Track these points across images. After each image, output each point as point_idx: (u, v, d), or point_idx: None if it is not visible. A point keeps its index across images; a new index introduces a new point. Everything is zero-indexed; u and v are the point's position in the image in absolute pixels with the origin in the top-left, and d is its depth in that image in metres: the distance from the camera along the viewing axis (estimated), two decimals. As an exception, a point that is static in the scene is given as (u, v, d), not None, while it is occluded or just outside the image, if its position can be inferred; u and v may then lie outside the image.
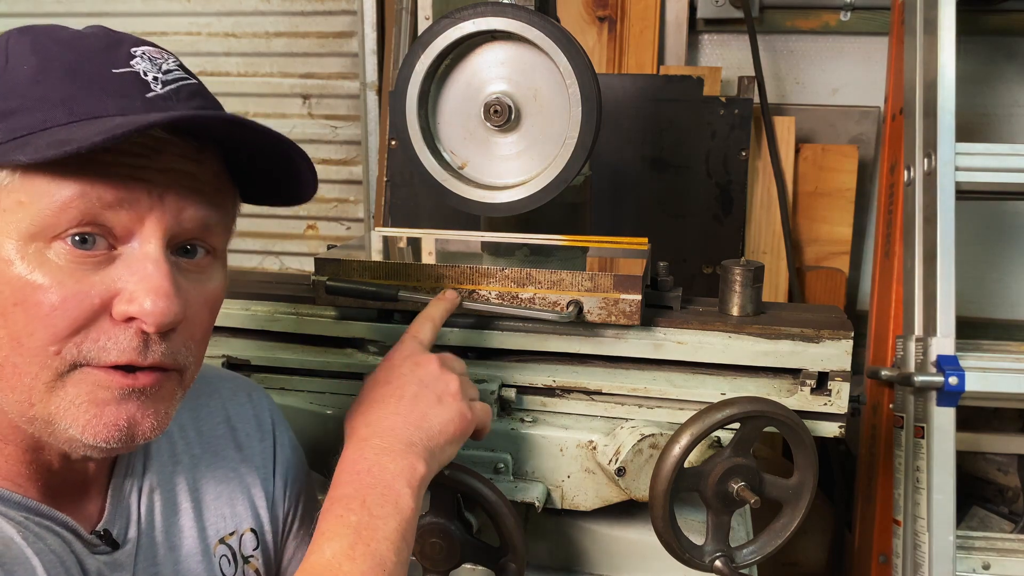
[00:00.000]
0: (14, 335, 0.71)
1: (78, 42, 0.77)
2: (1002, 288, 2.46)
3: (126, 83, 0.75)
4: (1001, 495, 2.23)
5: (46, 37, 0.76)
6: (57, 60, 0.74)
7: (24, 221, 0.71)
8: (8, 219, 0.71)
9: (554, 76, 1.23)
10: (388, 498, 0.87)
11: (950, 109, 1.60)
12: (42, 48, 0.75)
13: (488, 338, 1.27)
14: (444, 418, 0.97)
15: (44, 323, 0.71)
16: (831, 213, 2.43)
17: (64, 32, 0.78)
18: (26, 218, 0.71)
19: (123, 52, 0.77)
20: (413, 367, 1.01)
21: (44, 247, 0.71)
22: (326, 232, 3.02)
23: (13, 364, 0.72)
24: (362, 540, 0.82)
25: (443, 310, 1.13)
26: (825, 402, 1.20)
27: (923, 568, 1.56)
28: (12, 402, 0.75)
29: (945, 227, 1.58)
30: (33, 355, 0.72)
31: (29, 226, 0.71)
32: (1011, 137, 2.38)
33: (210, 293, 0.83)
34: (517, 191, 1.27)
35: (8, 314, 0.71)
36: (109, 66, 0.75)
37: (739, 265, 1.26)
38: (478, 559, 1.14)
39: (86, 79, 0.74)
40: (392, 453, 0.91)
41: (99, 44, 0.77)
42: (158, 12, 2.94)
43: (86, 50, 0.76)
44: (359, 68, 2.80)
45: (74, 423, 0.74)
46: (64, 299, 0.71)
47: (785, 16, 2.45)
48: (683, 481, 1.08)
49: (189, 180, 0.77)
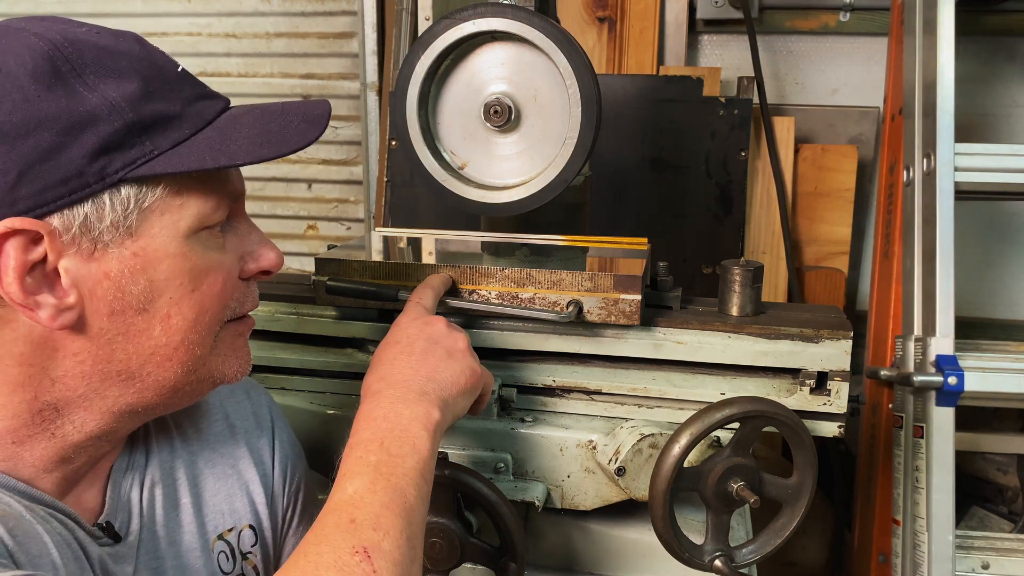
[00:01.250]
0: (191, 318, 0.82)
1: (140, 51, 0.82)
2: (1002, 288, 2.46)
3: (188, 77, 0.83)
4: (1000, 495, 2.24)
5: (125, 56, 0.80)
6: (146, 72, 0.79)
7: (185, 220, 0.80)
8: (170, 220, 0.79)
9: (554, 76, 1.23)
10: (405, 440, 0.88)
11: (949, 109, 1.60)
12: (128, 64, 0.78)
13: (488, 338, 1.27)
14: (455, 370, 1.00)
15: (219, 299, 0.84)
16: (830, 213, 2.43)
17: (122, 43, 0.82)
18: (187, 217, 0.80)
19: (155, 47, 0.83)
20: (422, 326, 1.03)
21: (201, 237, 0.82)
22: (326, 232, 3.02)
23: (189, 342, 0.83)
24: (382, 476, 0.83)
25: (440, 281, 1.17)
26: (824, 402, 1.20)
27: (922, 568, 1.56)
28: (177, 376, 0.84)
29: (944, 227, 1.58)
30: (207, 328, 0.84)
31: (192, 223, 0.80)
32: (1011, 137, 2.39)
33: None
34: (517, 191, 1.27)
35: (184, 301, 0.81)
36: (173, 66, 0.82)
37: (739, 265, 1.26)
38: (478, 559, 1.15)
39: (177, 83, 0.81)
40: (407, 401, 0.93)
41: (138, 44, 0.82)
42: (158, 12, 2.94)
43: (152, 55, 0.82)
44: (359, 68, 2.81)
45: (228, 370, 0.89)
46: (229, 274, 0.85)
47: (785, 16, 2.45)
48: (683, 481, 1.08)
49: None
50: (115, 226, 0.75)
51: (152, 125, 0.76)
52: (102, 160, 0.73)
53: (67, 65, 0.74)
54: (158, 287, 0.79)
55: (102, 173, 0.73)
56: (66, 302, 0.75)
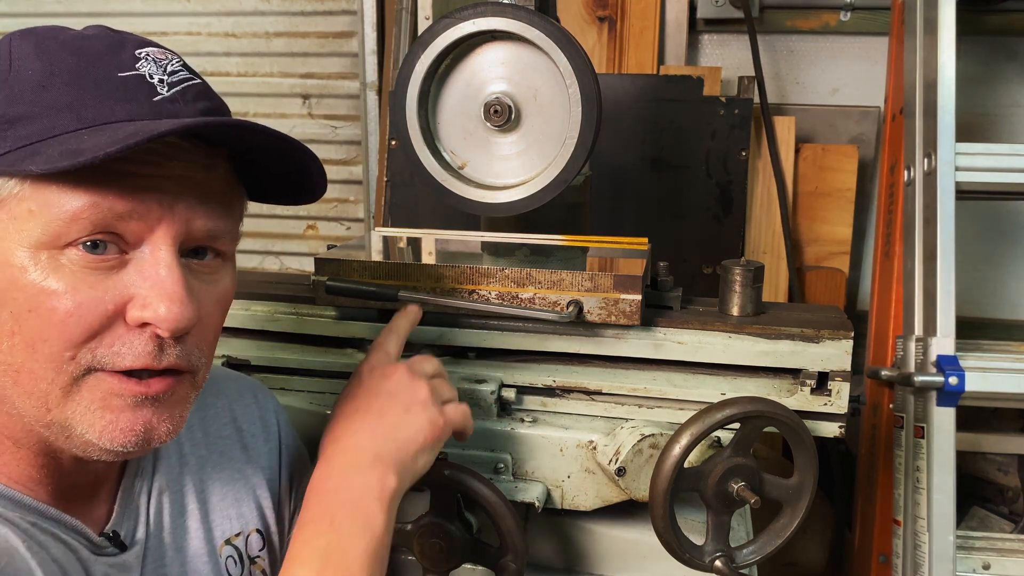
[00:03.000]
0: (29, 341, 0.72)
1: (82, 44, 0.76)
2: (1002, 288, 2.45)
3: (132, 87, 0.74)
4: (1001, 495, 2.23)
5: (50, 40, 0.76)
6: (62, 64, 0.74)
7: (36, 230, 0.71)
8: (19, 227, 0.71)
9: (554, 76, 1.23)
10: (357, 517, 0.85)
11: (950, 109, 1.60)
12: (46, 52, 0.74)
13: (488, 338, 1.27)
14: (415, 426, 0.95)
15: (59, 329, 0.71)
16: (831, 213, 2.43)
17: (67, 34, 0.77)
18: (37, 227, 0.71)
19: (128, 54, 0.76)
20: (380, 379, 0.99)
21: (57, 254, 0.71)
22: (326, 232, 3.02)
23: (30, 370, 0.73)
24: (331, 565, 0.81)
25: (408, 322, 1.11)
26: (825, 402, 1.20)
27: (923, 568, 1.56)
28: (29, 407, 0.75)
29: (945, 227, 1.57)
30: (48, 360, 0.72)
31: (41, 235, 0.71)
32: (1011, 137, 2.38)
33: (221, 293, 0.83)
34: (517, 191, 1.27)
35: (23, 320, 0.71)
36: (115, 69, 0.75)
37: (739, 265, 1.26)
38: (478, 559, 1.14)
39: (92, 83, 0.73)
40: (360, 468, 0.89)
41: (103, 46, 0.76)
42: (158, 12, 2.93)
43: (90, 53, 0.75)
44: (359, 68, 2.80)
45: (90, 428, 0.75)
46: (78, 305, 0.71)
47: (785, 16, 2.45)
48: (683, 481, 1.08)
49: (199, 189, 0.77)
50: None
51: (19, 119, 0.71)
52: None
53: (5, 63, 0.74)
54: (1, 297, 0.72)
55: None
56: None
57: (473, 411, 1.22)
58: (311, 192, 0.88)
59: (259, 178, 0.85)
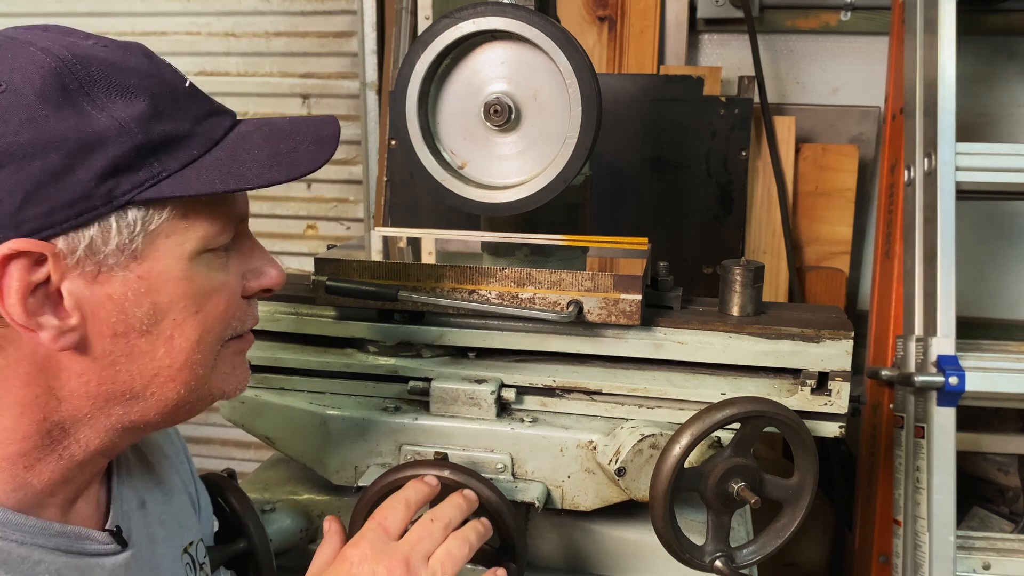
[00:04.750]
0: (194, 339, 0.81)
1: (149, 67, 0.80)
2: (1002, 288, 2.45)
3: (195, 93, 0.81)
4: (1001, 495, 2.23)
5: (127, 73, 0.77)
6: (154, 89, 0.77)
7: (190, 243, 0.78)
8: (175, 243, 0.78)
9: (554, 76, 1.23)
10: None
11: (950, 109, 1.60)
12: (132, 81, 0.76)
13: (488, 338, 1.27)
14: None
15: (222, 319, 0.83)
16: (831, 213, 2.42)
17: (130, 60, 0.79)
18: (191, 240, 0.78)
19: (163, 62, 0.81)
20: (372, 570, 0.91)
21: (209, 258, 0.81)
22: (326, 232, 3.02)
23: (193, 363, 0.82)
24: None
25: (422, 495, 1.03)
26: (825, 402, 1.20)
27: (923, 568, 1.56)
28: (180, 395, 0.82)
29: (945, 227, 1.57)
30: (210, 348, 0.83)
31: (196, 246, 0.79)
32: (1011, 137, 2.38)
33: None
34: (517, 191, 1.27)
35: (188, 323, 0.80)
36: (181, 81, 0.80)
37: (739, 265, 1.26)
38: (478, 559, 1.14)
39: (185, 101, 0.79)
40: None
41: (146, 59, 0.80)
42: (158, 12, 2.93)
43: (160, 72, 0.79)
44: (359, 68, 2.80)
45: (228, 387, 0.88)
46: (230, 297, 0.84)
47: (785, 16, 2.45)
48: (683, 481, 1.08)
49: None
50: (120, 249, 0.74)
51: (161, 146, 0.74)
52: (110, 183, 0.71)
53: (75, 83, 0.71)
54: (162, 309, 0.78)
55: (109, 196, 0.72)
56: (68, 323, 0.74)
57: (473, 411, 1.22)
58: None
59: None
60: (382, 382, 1.30)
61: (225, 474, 1.20)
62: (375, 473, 1.18)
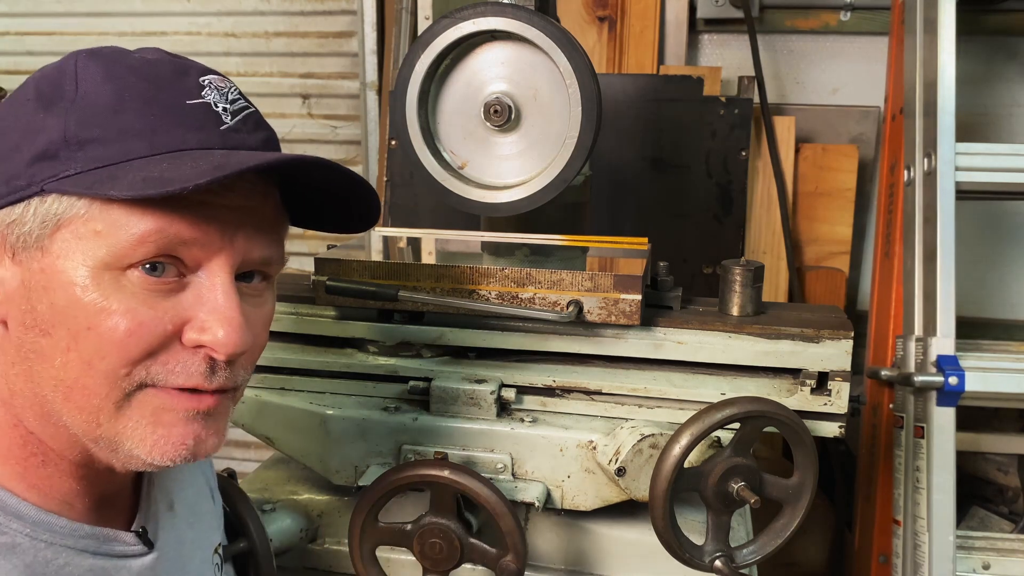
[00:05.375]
0: (85, 358, 0.73)
1: (148, 69, 0.77)
2: (1002, 288, 2.45)
3: (200, 115, 0.76)
4: (1001, 495, 2.23)
5: (117, 63, 0.76)
6: (133, 89, 0.74)
7: (100, 250, 0.72)
8: (83, 247, 0.72)
9: (554, 76, 1.23)
10: None
11: (950, 109, 1.60)
12: (115, 75, 0.75)
13: (488, 338, 1.27)
14: None
15: (118, 347, 0.72)
16: (831, 213, 2.42)
17: (132, 57, 0.78)
18: (102, 247, 0.72)
19: (193, 81, 0.77)
20: None
21: (119, 274, 0.72)
22: (326, 232, 3.02)
23: (83, 386, 0.74)
24: None
25: None
26: (825, 402, 1.20)
27: (923, 568, 1.56)
28: (79, 422, 0.75)
29: (945, 227, 1.57)
30: (104, 377, 0.73)
31: (105, 255, 0.72)
32: (1011, 137, 2.38)
33: (267, 315, 0.85)
34: (517, 191, 1.27)
35: (81, 338, 0.72)
36: (183, 96, 0.76)
37: (739, 265, 1.26)
38: (478, 559, 1.14)
39: (163, 110, 0.75)
40: None
41: (168, 72, 0.77)
42: (158, 12, 2.93)
43: (158, 78, 0.76)
44: (359, 68, 2.80)
45: (140, 443, 0.76)
46: (139, 325, 0.73)
47: (785, 16, 2.45)
48: (683, 481, 1.08)
49: (256, 219, 0.79)
50: (31, 235, 0.73)
51: (91, 141, 0.72)
52: (36, 167, 0.72)
53: (71, 84, 0.74)
54: (58, 314, 0.73)
55: (31, 179, 0.72)
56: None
57: (473, 411, 1.22)
58: (363, 223, 0.89)
59: (304, 204, 0.87)
60: (382, 382, 1.30)
61: (225, 474, 1.20)
62: (375, 473, 1.18)
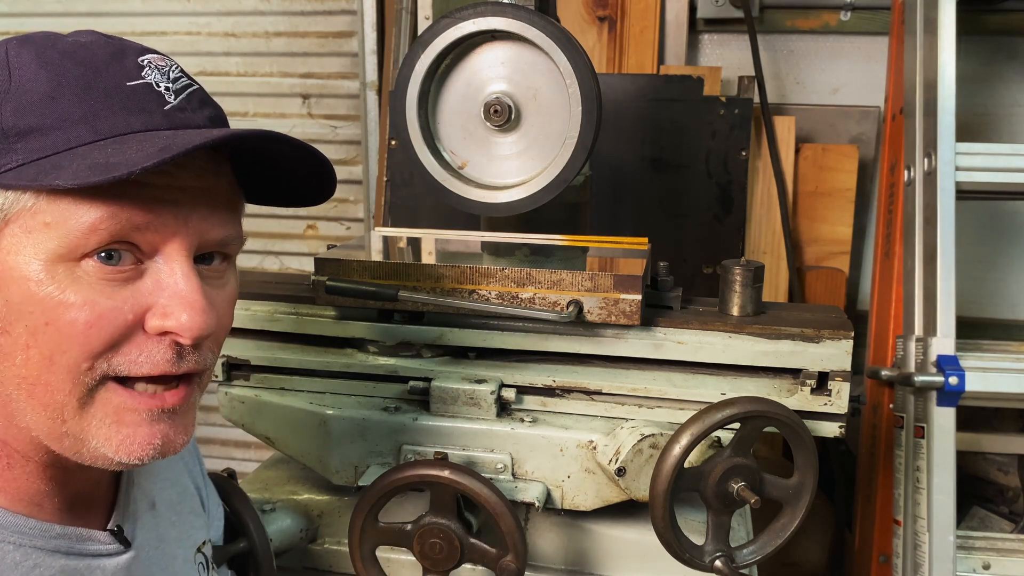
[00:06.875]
0: (46, 354, 0.71)
1: (84, 53, 0.74)
2: (1002, 288, 2.45)
3: (142, 96, 0.74)
4: (1001, 495, 2.23)
5: (49, 49, 0.74)
6: (69, 74, 0.72)
7: (52, 242, 0.70)
8: (34, 240, 0.70)
9: (554, 76, 1.23)
10: None
11: (950, 109, 1.60)
12: (49, 61, 0.73)
13: (488, 338, 1.27)
14: None
15: (79, 341, 0.71)
16: (831, 213, 2.42)
17: (65, 41, 0.76)
18: (53, 239, 0.70)
19: (131, 62, 0.75)
20: None
21: (73, 266, 0.71)
22: (326, 232, 3.02)
23: (45, 382, 0.72)
24: None
25: None
26: (825, 402, 1.20)
27: (923, 568, 1.56)
28: (43, 420, 0.74)
29: (945, 227, 1.57)
30: (66, 372, 0.72)
31: (57, 247, 0.70)
32: (1011, 137, 2.38)
33: (229, 295, 0.83)
34: (517, 191, 1.27)
35: (39, 333, 0.70)
36: (123, 79, 0.74)
37: (739, 265, 1.26)
38: (478, 559, 1.14)
39: (103, 94, 0.72)
40: None
41: (105, 54, 0.75)
42: (158, 12, 2.93)
43: (95, 62, 0.74)
44: (359, 68, 2.80)
45: (106, 443, 0.74)
46: (99, 316, 0.71)
47: (785, 16, 2.45)
48: (683, 481, 1.08)
49: (210, 198, 0.77)
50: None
51: (31, 132, 0.70)
52: None
53: (4, 73, 0.72)
54: (14, 310, 0.70)
55: None
56: None
57: (473, 411, 1.22)
58: (320, 195, 0.88)
59: (258, 180, 0.85)
60: (382, 382, 1.30)
61: (225, 474, 1.20)
62: (375, 473, 1.18)
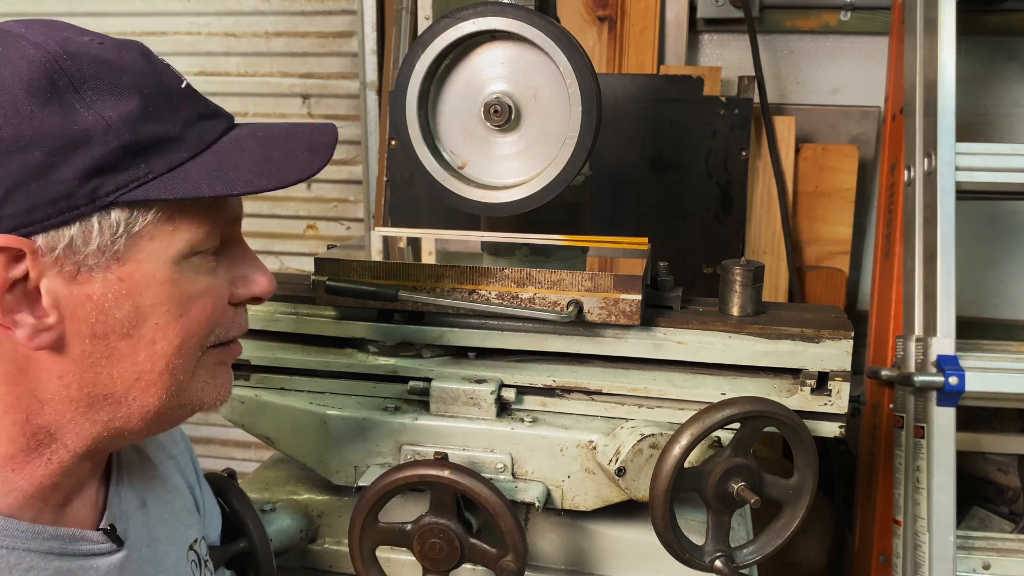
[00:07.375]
0: (175, 343, 0.79)
1: (132, 63, 0.78)
2: (1002, 288, 2.45)
3: (191, 95, 0.80)
4: (1001, 495, 2.23)
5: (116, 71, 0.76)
6: (146, 87, 0.76)
7: (178, 245, 0.77)
8: (162, 246, 0.76)
9: (554, 76, 1.23)
10: None
11: (950, 109, 1.60)
12: (127, 86, 0.74)
13: (488, 338, 1.27)
14: None
15: (205, 325, 0.82)
16: (831, 213, 2.42)
17: (106, 53, 0.77)
18: (178, 243, 0.77)
19: (162, 63, 0.80)
20: None
21: (196, 262, 0.80)
22: (326, 232, 3.02)
23: (172, 368, 0.80)
24: None
25: None
26: (825, 402, 1.20)
27: (923, 568, 1.56)
28: (156, 404, 0.81)
29: (945, 227, 1.57)
30: (191, 354, 0.82)
31: (182, 248, 0.78)
32: (1011, 137, 2.38)
33: None
34: (517, 191, 1.27)
35: (169, 328, 0.78)
36: (175, 81, 0.79)
37: (739, 265, 1.26)
38: (478, 559, 1.14)
39: (177, 99, 0.78)
40: None
41: (144, 62, 0.78)
42: (158, 12, 2.93)
43: (156, 72, 0.78)
44: (359, 68, 2.80)
45: (207, 396, 0.86)
46: (216, 302, 0.83)
47: (785, 16, 2.45)
48: (683, 481, 1.08)
49: None
50: (101, 250, 0.73)
51: (149, 147, 0.73)
52: (93, 182, 0.71)
53: (64, 79, 0.71)
54: (144, 312, 0.76)
55: (92, 195, 0.71)
56: (45, 322, 0.73)
57: (473, 411, 1.23)
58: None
59: None
60: (382, 382, 1.30)
61: (225, 474, 1.20)
62: (375, 473, 1.18)
